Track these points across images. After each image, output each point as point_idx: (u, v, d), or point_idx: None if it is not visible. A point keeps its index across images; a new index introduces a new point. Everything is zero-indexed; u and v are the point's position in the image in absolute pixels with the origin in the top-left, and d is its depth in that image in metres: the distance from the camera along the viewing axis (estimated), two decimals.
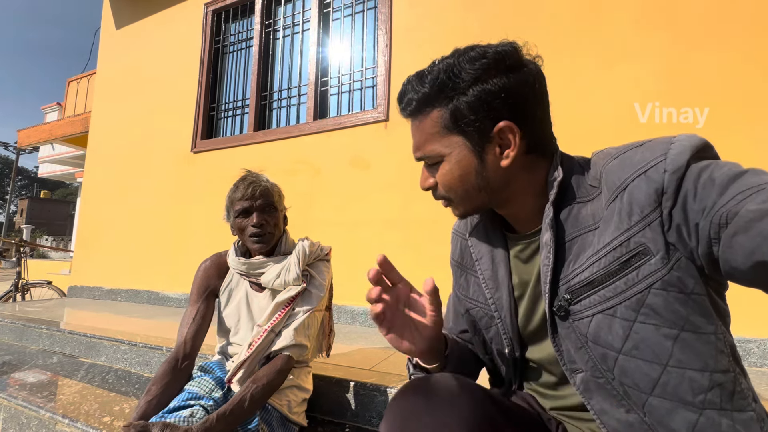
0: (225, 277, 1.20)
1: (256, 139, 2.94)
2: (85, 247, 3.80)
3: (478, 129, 0.55)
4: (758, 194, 0.40)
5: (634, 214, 0.48)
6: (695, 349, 0.46)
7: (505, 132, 0.55)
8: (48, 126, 6.53)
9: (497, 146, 0.56)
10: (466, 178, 0.57)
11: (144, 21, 3.76)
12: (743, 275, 0.41)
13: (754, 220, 0.38)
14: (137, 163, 3.54)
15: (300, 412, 1.14)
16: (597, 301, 0.51)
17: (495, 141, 0.55)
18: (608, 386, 0.51)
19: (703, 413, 0.46)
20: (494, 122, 0.54)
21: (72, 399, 1.47)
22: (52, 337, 2.12)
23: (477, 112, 0.54)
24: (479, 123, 0.54)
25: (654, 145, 0.50)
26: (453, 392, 0.47)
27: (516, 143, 0.55)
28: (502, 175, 0.57)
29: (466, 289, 0.71)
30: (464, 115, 0.55)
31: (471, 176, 0.57)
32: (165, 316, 2.60)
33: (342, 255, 1.78)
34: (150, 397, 0.99)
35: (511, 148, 0.55)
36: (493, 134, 0.55)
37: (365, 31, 2.72)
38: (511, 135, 0.55)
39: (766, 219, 0.38)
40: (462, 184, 0.58)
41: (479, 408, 0.47)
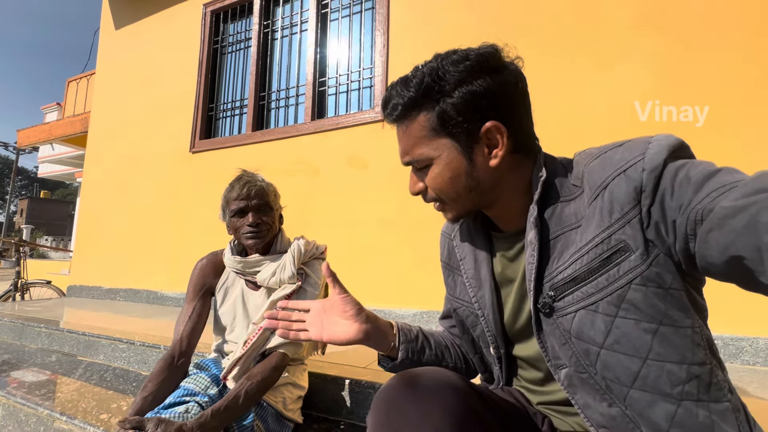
0: (221, 276, 1.21)
1: (254, 139, 2.95)
2: (85, 246, 3.81)
3: (466, 130, 0.56)
4: (731, 192, 0.41)
5: (614, 212, 0.50)
6: (673, 343, 0.48)
7: (492, 132, 0.55)
8: (48, 126, 6.54)
9: (485, 146, 0.57)
10: (457, 180, 0.58)
11: (143, 21, 3.77)
12: (718, 270, 0.43)
13: (727, 216, 0.40)
14: (136, 163, 3.55)
15: (295, 409, 1.15)
16: (580, 298, 0.52)
17: (483, 141, 0.56)
18: (591, 381, 0.52)
19: (681, 404, 0.47)
20: (481, 123, 0.55)
21: (70, 397, 1.49)
22: (51, 336, 2.13)
23: (464, 113, 0.55)
24: (466, 124, 0.55)
25: (633, 145, 0.51)
26: (437, 384, 0.48)
27: (503, 142, 0.56)
28: (491, 175, 0.58)
29: (453, 289, 0.73)
30: (451, 117, 0.55)
31: (461, 178, 0.58)
32: (163, 316, 2.61)
33: (339, 254, 1.79)
34: (146, 393, 1.00)
35: (499, 148, 0.56)
36: (481, 135, 0.56)
37: (363, 32, 2.73)
38: (499, 134, 0.56)
39: (738, 216, 0.39)
40: (453, 186, 0.59)
41: (463, 399, 0.48)
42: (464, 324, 0.72)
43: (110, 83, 3.94)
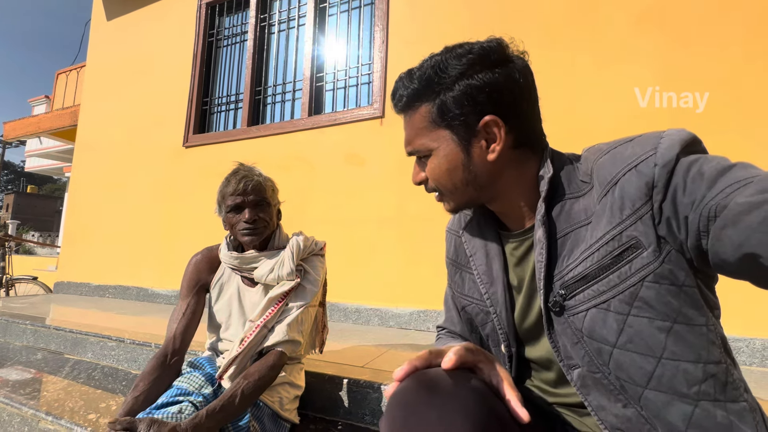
0: (216, 272, 1.17)
1: (249, 134, 2.90)
2: (73, 242, 3.72)
3: (464, 123, 0.56)
4: (746, 187, 0.40)
5: (625, 208, 0.49)
6: (688, 341, 0.47)
7: (490, 126, 0.55)
8: (35, 119, 6.39)
9: (483, 140, 0.56)
10: (454, 172, 0.58)
11: (136, 13, 3.69)
12: (732, 267, 0.42)
13: (742, 213, 0.39)
14: (127, 158, 3.47)
15: (292, 409, 1.12)
16: (591, 296, 0.51)
17: (481, 135, 0.56)
18: (605, 381, 0.51)
19: (698, 405, 0.46)
20: (480, 116, 0.55)
21: (56, 396, 1.43)
22: (37, 333, 2.07)
23: (462, 106, 0.55)
24: (465, 117, 0.56)
25: (644, 140, 0.51)
26: (458, 387, 0.46)
27: (501, 137, 0.55)
28: (489, 170, 0.58)
29: (462, 287, 0.72)
30: (450, 109, 0.56)
31: (458, 170, 0.58)
32: (154, 313, 2.55)
33: (336, 252, 1.76)
34: (137, 393, 0.96)
35: (496, 143, 0.56)
36: (479, 128, 0.56)
37: (361, 27, 2.70)
38: (497, 129, 0.55)
39: (754, 212, 0.38)
40: (450, 178, 0.59)
41: (485, 403, 0.46)
42: (473, 322, 0.70)
43: (101, 76, 3.86)
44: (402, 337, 1.96)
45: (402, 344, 1.79)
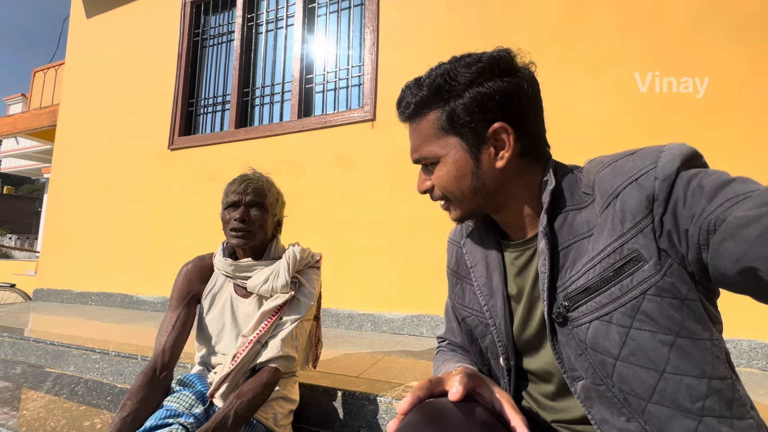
0: (208, 282, 1.14)
1: (237, 137, 2.84)
2: (53, 247, 3.59)
3: (474, 130, 0.56)
4: (745, 201, 0.41)
5: (626, 221, 0.49)
6: (691, 356, 0.47)
7: (499, 133, 0.56)
8: (11, 118, 6.15)
9: (492, 147, 0.57)
10: (462, 179, 0.59)
11: (117, 10, 3.57)
12: (731, 281, 0.42)
13: (740, 226, 0.39)
14: (109, 160, 3.37)
15: (286, 424, 1.09)
16: (594, 308, 0.51)
17: (490, 142, 0.57)
18: (608, 393, 0.51)
19: (702, 420, 0.46)
20: (489, 123, 0.56)
21: (36, 414, 1.37)
22: (15, 346, 1.98)
23: (472, 113, 0.56)
24: (474, 124, 0.56)
25: (645, 154, 0.51)
26: (463, 419, 0.45)
27: (510, 144, 0.56)
28: (497, 177, 0.58)
29: (462, 298, 0.72)
30: (460, 116, 0.56)
31: (467, 177, 0.58)
32: (140, 321, 2.48)
33: (327, 257, 1.73)
34: (125, 413, 0.92)
35: (505, 150, 0.57)
36: (488, 135, 0.56)
37: (351, 29, 2.67)
38: (506, 135, 0.56)
39: (752, 226, 0.38)
40: (458, 185, 0.59)
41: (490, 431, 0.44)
42: (472, 334, 0.70)
43: (81, 75, 3.73)
44: (395, 342, 1.94)
45: (396, 350, 1.78)
